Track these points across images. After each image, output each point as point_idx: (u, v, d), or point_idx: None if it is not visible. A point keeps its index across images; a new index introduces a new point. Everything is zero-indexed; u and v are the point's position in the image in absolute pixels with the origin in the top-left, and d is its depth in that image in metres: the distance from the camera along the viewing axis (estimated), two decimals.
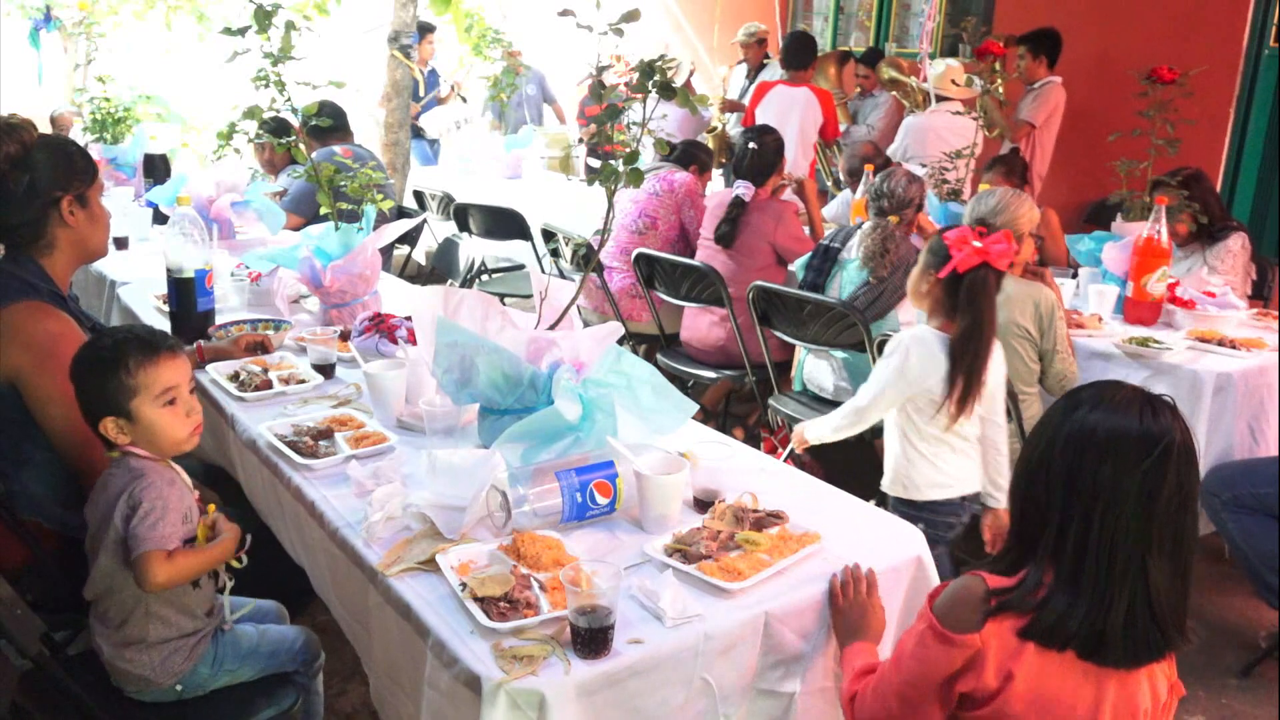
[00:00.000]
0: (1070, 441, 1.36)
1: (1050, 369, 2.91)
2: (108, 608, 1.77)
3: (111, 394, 1.73)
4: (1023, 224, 2.93)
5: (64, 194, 2.12)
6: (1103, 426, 1.34)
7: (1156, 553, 1.33)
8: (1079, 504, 1.34)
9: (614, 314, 4.27)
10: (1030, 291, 2.87)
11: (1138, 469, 1.31)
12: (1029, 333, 2.86)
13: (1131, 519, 1.32)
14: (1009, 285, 2.85)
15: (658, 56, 2.08)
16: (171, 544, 1.71)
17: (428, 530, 1.72)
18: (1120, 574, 1.33)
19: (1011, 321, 2.83)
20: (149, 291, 3.14)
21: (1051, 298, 2.88)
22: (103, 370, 1.74)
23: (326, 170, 2.83)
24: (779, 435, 3.86)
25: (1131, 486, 1.31)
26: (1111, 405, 1.35)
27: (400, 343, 2.50)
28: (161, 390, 1.75)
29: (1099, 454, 1.33)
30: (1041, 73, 5.32)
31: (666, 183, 4.32)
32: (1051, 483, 1.37)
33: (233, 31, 2.64)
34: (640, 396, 1.94)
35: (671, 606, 1.51)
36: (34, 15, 8.46)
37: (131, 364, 1.73)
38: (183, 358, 1.81)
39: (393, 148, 6.79)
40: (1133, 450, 1.32)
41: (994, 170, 4.34)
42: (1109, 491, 1.32)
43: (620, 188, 2.09)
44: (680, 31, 8.68)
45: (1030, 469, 1.41)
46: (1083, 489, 1.34)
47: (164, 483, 1.74)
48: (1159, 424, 1.32)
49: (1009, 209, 2.93)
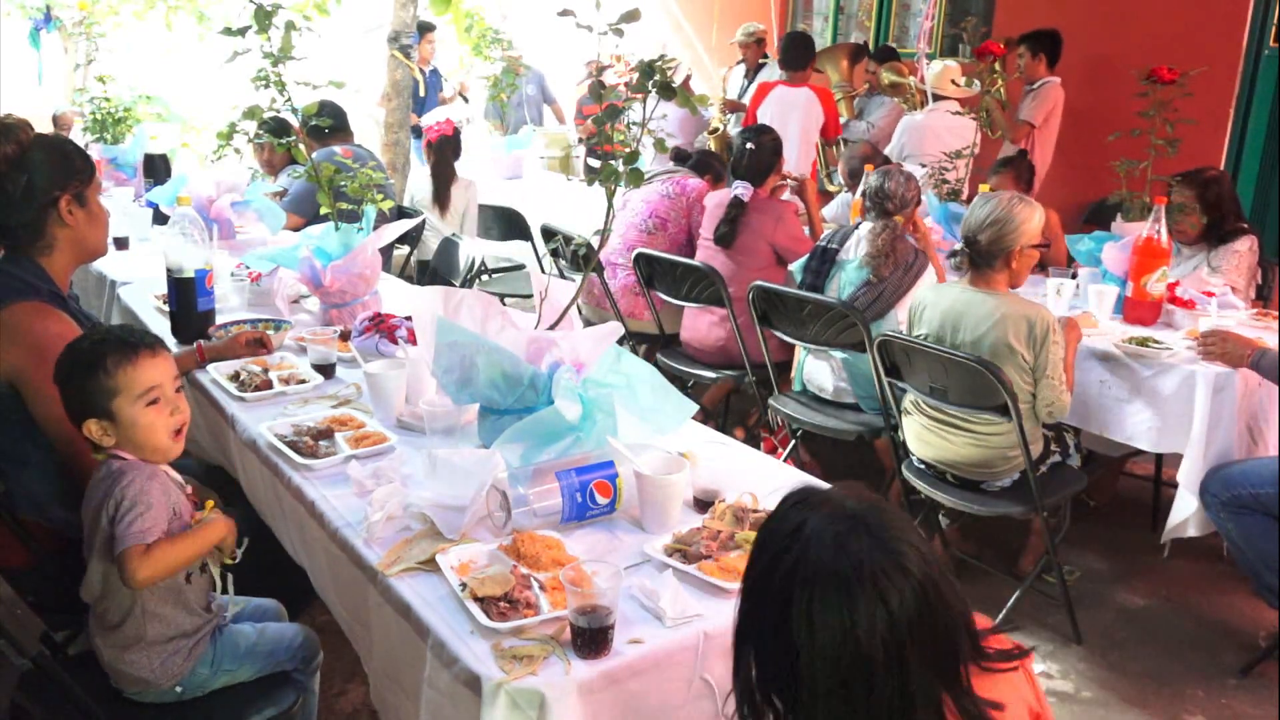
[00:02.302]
0: (781, 575, 1.11)
1: (1038, 394, 2.78)
2: (105, 609, 1.77)
3: (92, 395, 1.73)
4: (1018, 238, 2.73)
5: (62, 193, 2.12)
6: (810, 572, 1.09)
7: (895, 685, 1.07)
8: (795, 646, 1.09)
9: (614, 311, 4.27)
10: (1025, 312, 2.73)
11: (842, 616, 1.07)
12: (1023, 357, 2.73)
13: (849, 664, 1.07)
14: (1004, 304, 2.75)
15: (657, 56, 2.08)
16: (152, 538, 1.69)
17: (428, 530, 1.72)
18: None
19: (1003, 342, 2.72)
20: (149, 291, 3.14)
21: (1049, 319, 2.73)
22: (82, 372, 1.73)
23: (326, 170, 2.83)
24: (779, 435, 3.87)
25: (840, 634, 1.07)
26: (817, 544, 1.10)
27: (400, 343, 2.50)
28: (143, 390, 1.74)
29: (806, 603, 1.08)
30: (1041, 72, 5.32)
31: (679, 186, 4.33)
32: (770, 617, 1.12)
33: (233, 31, 2.64)
34: (640, 396, 1.94)
35: (671, 606, 1.51)
36: (34, 15, 8.46)
37: (110, 364, 1.73)
38: (164, 356, 1.80)
39: (393, 148, 6.79)
40: (833, 600, 1.07)
41: (1000, 174, 4.34)
42: (818, 639, 1.08)
43: (620, 188, 2.09)
44: (680, 31, 8.68)
45: (751, 602, 1.17)
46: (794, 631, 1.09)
47: (144, 478, 1.72)
48: (851, 559, 1.08)
49: (999, 221, 2.73)
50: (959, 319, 2.82)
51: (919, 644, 1.08)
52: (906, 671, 1.08)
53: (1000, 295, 2.80)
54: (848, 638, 1.07)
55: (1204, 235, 3.60)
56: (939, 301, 2.90)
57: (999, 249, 2.77)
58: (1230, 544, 2.85)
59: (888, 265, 3.32)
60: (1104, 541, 3.53)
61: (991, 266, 2.81)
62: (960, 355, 2.72)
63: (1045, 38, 5.31)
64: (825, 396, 3.54)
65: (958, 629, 1.13)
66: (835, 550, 1.09)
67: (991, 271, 2.81)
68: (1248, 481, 2.76)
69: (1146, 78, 3.79)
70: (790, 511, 1.16)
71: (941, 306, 2.88)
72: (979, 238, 2.78)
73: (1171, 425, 2.98)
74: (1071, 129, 5.41)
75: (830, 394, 3.52)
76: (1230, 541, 2.83)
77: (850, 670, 1.07)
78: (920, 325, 2.94)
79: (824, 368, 3.53)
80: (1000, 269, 2.80)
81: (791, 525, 1.14)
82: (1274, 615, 2.88)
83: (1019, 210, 2.76)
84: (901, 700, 1.08)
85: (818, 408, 3.54)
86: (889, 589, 1.07)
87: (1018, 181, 4.25)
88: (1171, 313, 3.36)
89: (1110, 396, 3.11)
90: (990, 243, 2.77)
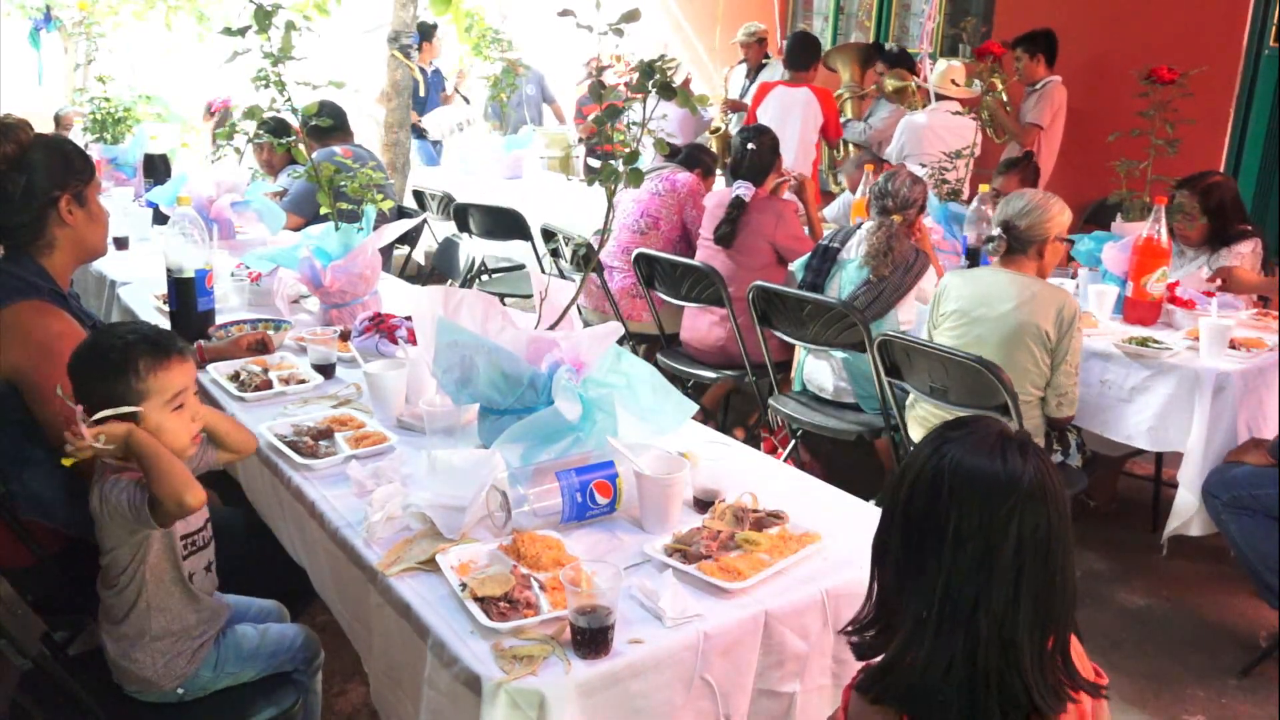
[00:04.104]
0: (923, 484, 1.20)
1: (1053, 379, 2.85)
2: (111, 604, 1.76)
3: (119, 398, 1.69)
4: (1051, 227, 2.87)
5: (62, 193, 2.12)
6: (959, 468, 1.18)
7: (1004, 606, 1.16)
8: (929, 552, 1.19)
9: (614, 314, 4.27)
10: (1056, 296, 2.84)
11: (982, 515, 1.16)
12: (1048, 337, 2.80)
13: (972, 569, 1.16)
14: (1036, 286, 2.85)
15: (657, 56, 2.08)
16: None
17: (428, 530, 1.72)
18: (951, 628, 1.17)
19: (1032, 321, 2.80)
20: (149, 291, 3.14)
21: (1075, 307, 2.84)
22: (109, 372, 1.70)
23: (326, 170, 2.83)
24: (779, 435, 3.87)
25: (975, 534, 1.16)
26: (971, 444, 1.20)
27: (400, 343, 2.50)
28: (171, 395, 1.73)
29: (947, 497, 1.17)
30: (1041, 72, 5.32)
31: (669, 182, 4.33)
32: (908, 531, 1.22)
33: (233, 31, 2.64)
34: (640, 396, 1.94)
35: (671, 606, 1.51)
36: (34, 15, 8.46)
37: (142, 368, 1.70)
38: (190, 360, 1.79)
39: (393, 148, 6.79)
40: (978, 495, 1.17)
41: (1006, 176, 4.34)
42: (952, 538, 1.17)
43: (620, 188, 2.09)
44: (680, 31, 8.68)
45: (888, 518, 1.25)
46: (929, 535, 1.19)
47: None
48: (1009, 467, 1.17)
49: (1036, 210, 2.87)
50: (989, 295, 2.89)
51: (1032, 578, 1.16)
52: (1019, 596, 1.16)
53: (1033, 277, 2.91)
54: (986, 534, 1.16)
55: (1207, 239, 3.60)
56: (968, 282, 2.99)
57: (1036, 235, 2.88)
58: (1231, 544, 2.85)
59: (887, 264, 3.33)
60: (1104, 541, 3.53)
61: (1025, 253, 2.91)
62: (960, 355, 2.73)
63: (1041, 38, 5.31)
64: (825, 396, 3.54)
65: (1067, 590, 1.20)
66: (994, 455, 1.18)
67: (1024, 258, 2.91)
68: (1248, 482, 2.77)
69: (1146, 78, 3.79)
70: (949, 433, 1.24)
71: (972, 285, 2.96)
72: (1019, 223, 2.89)
73: (1171, 425, 2.98)
74: (1072, 129, 5.41)
75: (830, 394, 3.52)
76: (1231, 542, 2.84)
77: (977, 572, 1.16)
78: (947, 303, 2.99)
79: (824, 367, 3.53)
80: (1033, 257, 2.91)
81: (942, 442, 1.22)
82: (1274, 615, 2.88)
83: (1052, 203, 2.91)
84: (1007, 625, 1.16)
85: (818, 408, 3.54)
86: (1028, 510, 1.16)
87: (1023, 183, 4.25)
88: (1171, 313, 3.36)
89: (1110, 396, 3.11)
90: (1029, 228, 2.88)
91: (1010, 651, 1.16)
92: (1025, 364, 2.81)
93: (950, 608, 1.17)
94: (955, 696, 1.17)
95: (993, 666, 1.16)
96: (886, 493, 1.27)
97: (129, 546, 1.72)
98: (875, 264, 3.34)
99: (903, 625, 1.22)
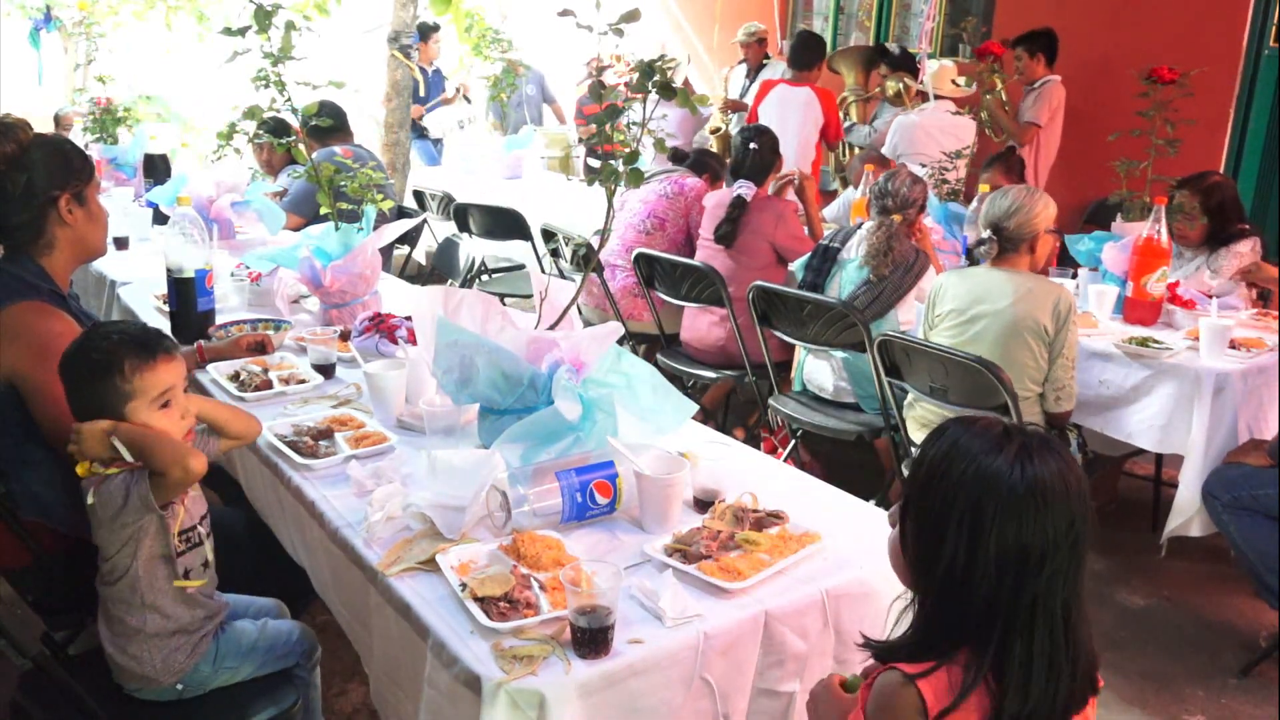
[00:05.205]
0: (971, 488, 1.18)
1: (1051, 373, 2.87)
2: (109, 601, 1.76)
3: (106, 399, 1.70)
4: (1039, 222, 2.91)
5: (61, 193, 2.12)
6: (1021, 476, 1.16)
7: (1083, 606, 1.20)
8: (1008, 570, 1.16)
9: (614, 313, 4.27)
10: (1052, 290, 2.87)
11: (1065, 519, 1.17)
12: (1046, 330, 2.83)
13: (1067, 577, 1.17)
14: (1031, 281, 2.88)
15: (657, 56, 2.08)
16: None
17: (428, 530, 1.72)
18: (1063, 644, 1.18)
19: (1029, 316, 2.82)
20: (149, 291, 3.14)
21: (1071, 300, 2.88)
22: (95, 374, 1.70)
23: (326, 170, 2.83)
24: (779, 435, 3.87)
25: (1062, 540, 1.16)
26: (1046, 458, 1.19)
27: (400, 343, 2.50)
28: (158, 394, 1.73)
29: (1023, 507, 1.16)
30: (1040, 71, 5.32)
31: (677, 185, 4.33)
32: (966, 545, 1.18)
33: (233, 31, 2.63)
34: (640, 396, 1.94)
35: (671, 606, 1.51)
36: (34, 15, 8.46)
37: (127, 368, 1.70)
38: (178, 358, 1.80)
39: (393, 148, 6.79)
40: (1056, 498, 1.17)
41: (991, 169, 4.34)
42: (1039, 551, 1.16)
43: (622, 188, 2.09)
44: (680, 31, 8.68)
45: (933, 526, 1.21)
46: (1007, 550, 1.16)
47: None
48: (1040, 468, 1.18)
49: (1022, 208, 2.90)
50: (986, 293, 2.91)
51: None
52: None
53: (1027, 273, 2.94)
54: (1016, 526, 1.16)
55: (1206, 239, 3.60)
56: (964, 280, 3.00)
57: (1025, 232, 2.91)
58: (1232, 545, 2.85)
59: (886, 264, 3.33)
60: (1104, 541, 3.53)
61: (1017, 251, 2.94)
62: (961, 355, 2.73)
63: (1041, 37, 5.32)
64: (825, 396, 3.54)
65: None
66: (1015, 463, 1.18)
67: (1016, 255, 2.94)
68: (1249, 483, 2.77)
69: (1146, 78, 3.79)
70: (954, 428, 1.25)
71: (968, 283, 2.98)
72: (1007, 224, 2.91)
73: (1171, 425, 2.98)
74: (1071, 129, 5.41)
75: (830, 394, 3.52)
76: (1231, 542, 2.83)
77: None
78: (944, 303, 3.01)
79: (824, 367, 3.53)
80: (1025, 253, 2.95)
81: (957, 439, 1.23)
82: (1274, 615, 2.88)
83: (1036, 197, 2.94)
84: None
85: (818, 408, 3.54)
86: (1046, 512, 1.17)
87: (1008, 175, 4.25)
88: (1171, 313, 3.36)
89: (1110, 396, 3.11)
90: (1018, 226, 2.91)
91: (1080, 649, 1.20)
92: (1023, 359, 2.83)
93: (1044, 627, 1.17)
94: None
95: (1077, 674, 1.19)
96: (915, 503, 1.25)
97: (124, 543, 1.72)
98: (875, 264, 3.34)
99: (964, 640, 1.20)
